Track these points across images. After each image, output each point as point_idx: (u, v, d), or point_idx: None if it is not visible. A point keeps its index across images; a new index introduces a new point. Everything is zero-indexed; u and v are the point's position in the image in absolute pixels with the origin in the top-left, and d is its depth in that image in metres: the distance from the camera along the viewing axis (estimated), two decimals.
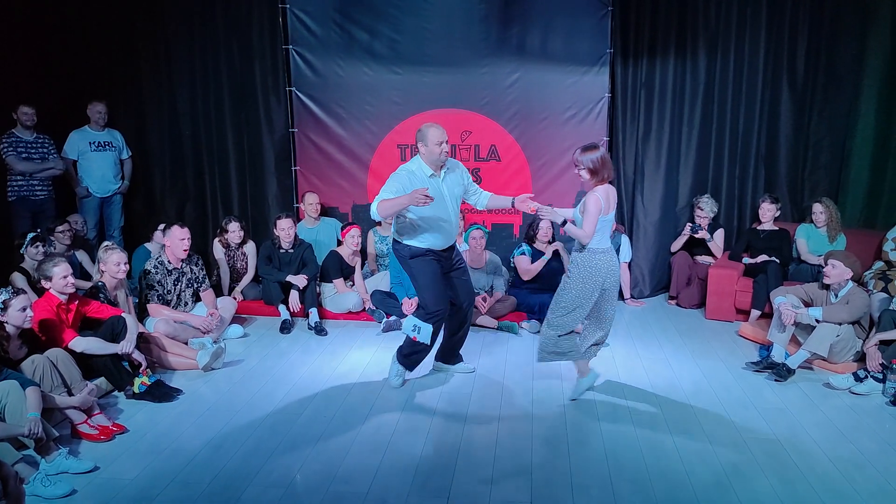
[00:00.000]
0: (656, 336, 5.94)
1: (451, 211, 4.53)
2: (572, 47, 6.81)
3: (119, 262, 5.13)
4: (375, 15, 6.88)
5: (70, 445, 3.87)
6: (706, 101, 6.94)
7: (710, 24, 6.79)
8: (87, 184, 6.94)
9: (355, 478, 3.59)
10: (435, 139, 4.38)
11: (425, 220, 4.45)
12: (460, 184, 4.63)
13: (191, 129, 7.41)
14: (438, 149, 4.38)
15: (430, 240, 4.50)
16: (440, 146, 4.38)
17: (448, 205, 4.51)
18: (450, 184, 4.54)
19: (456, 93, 6.97)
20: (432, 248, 4.52)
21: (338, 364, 5.26)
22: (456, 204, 4.59)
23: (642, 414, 4.39)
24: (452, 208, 4.54)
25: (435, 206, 4.35)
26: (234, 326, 5.96)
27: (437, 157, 4.40)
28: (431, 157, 4.42)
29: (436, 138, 4.38)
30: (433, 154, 4.40)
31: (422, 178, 4.44)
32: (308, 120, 7.14)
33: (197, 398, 4.65)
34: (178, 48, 7.23)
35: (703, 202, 6.80)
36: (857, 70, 6.58)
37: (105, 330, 4.62)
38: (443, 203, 4.47)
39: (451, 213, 4.53)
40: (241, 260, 6.63)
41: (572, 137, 6.95)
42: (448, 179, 4.54)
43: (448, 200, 4.51)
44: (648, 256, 7.10)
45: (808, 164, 6.91)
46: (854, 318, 5.00)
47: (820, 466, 3.73)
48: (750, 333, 5.85)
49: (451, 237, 4.58)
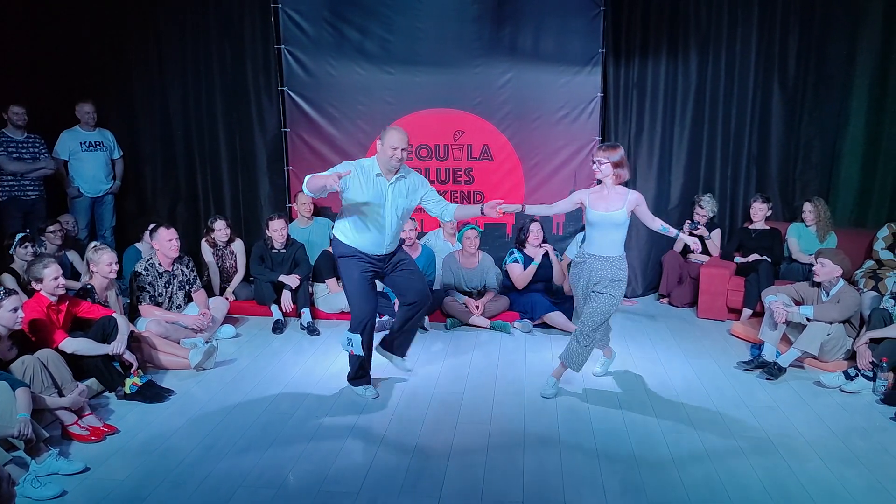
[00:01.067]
0: (648, 335, 5.96)
1: (389, 218, 4.32)
2: (564, 47, 6.82)
3: (110, 261, 5.11)
4: (368, 15, 6.88)
5: (60, 446, 3.85)
6: (698, 100, 6.97)
7: (701, 24, 6.82)
8: (78, 184, 6.91)
9: (346, 478, 3.59)
10: (391, 142, 4.17)
11: (358, 219, 4.30)
12: (411, 196, 4.40)
13: (182, 128, 7.39)
14: (391, 152, 4.17)
15: (358, 240, 4.35)
16: (394, 151, 4.17)
17: (387, 211, 4.30)
18: (397, 192, 4.32)
19: (448, 93, 6.97)
20: (360, 249, 4.36)
21: (330, 364, 5.25)
22: (397, 213, 4.34)
23: (634, 412, 4.40)
24: (391, 216, 4.33)
25: (371, 208, 4.25)
26: (227, 326, 5.95)
27: (388, 160, 4.20)
28: (382, 159, 4.24)
29: (392, 142, 4.17)
30: (384, 156, 4.21)
31: (368, 174, 4.27)
32: (300, 120, 7.13)
33: (188, 398, 4.63)
34: (170, 48, 7.21)
35: (705, 201, 6.82)
36: (847, 70, 6.62)
37: (96, 330, 4.60)
38: (381, 207, 4.28)
39: (387, 220, 4.32)
40: (229, 259, 6.62)
41: (565, 137, 6.99)
42: (397, 187, 4.32)
43: (388, 207, 4.30)
44: (641, 256, 7.13)
45: (800, 164, 6.95)
46: (844, 317, 5.03)
47: (811, 464, 3.74)
48: (741, 332, 5.87)
49: (381, 244, 4.38)
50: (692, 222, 6.79)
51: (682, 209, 7.07)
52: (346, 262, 4.41)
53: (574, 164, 7.04)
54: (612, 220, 4.36)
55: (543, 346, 5.66)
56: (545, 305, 5.97)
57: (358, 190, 4.24)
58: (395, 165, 4.22)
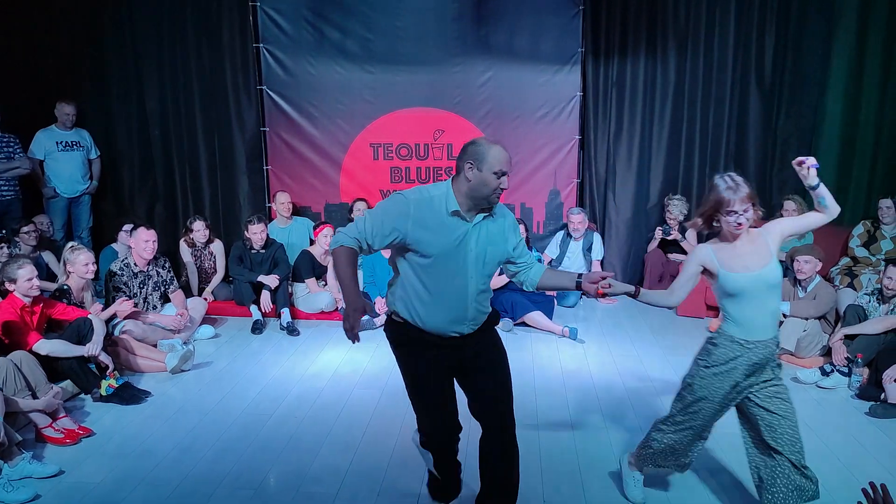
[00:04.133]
0: (628, 333, 5.99)
1: (472, 278, 2.78)
2: (544, 46, 6.85)
3: (87, 262, 5.06)
4: (347, 13, 6.85)
5: (34, 450, 3.79)
6: (676, 100, 7.02)
7: (679, 24, 6.87)
8: (54, 184, 6.83)
9: (326, 478, 3.57)
10: (496, 163, 2.67)
11: (420, 282, 2.78)
12: (502, 244, 2.87)
13: (160, 128, 7.32)
14: (494, 182, 2.68)
15: (423, 314, 2.80)
16: (498, 180, 2.68)
17: (469, 268, 2.77)
18: (485, 237, 2.80)
19: (429, 92, 6.97)
20: (426, 328, 2.81)
21: (310, 364, 5.23)
22: (482, 270, 2.81)
23: (613, 410, 4.42)
24: (474, 275, 2.79)
25: (445, 265, 2.74)
26: (205, 327, 5.90)
27: (488, 193, 2.71)
28: (476, 191, 2.71)
29: (496, 163, 2.67)
30: (484, 185, 2.69)
31: (438, 213, 2.72)
32: (279, 119, 7.09)
33: (166, 400, 4.59)
34: (147, 46, 7.13)
35: (673, 205, 6.87)
36: (822, 70, 6.70)
37: (71, 332, 4.54)
38: (461, 263, 2.75)
39: (469, 281, 2.78)
40: (208, 260, 6.57)
41: (545, 136, 7.01)
42: (484, 230, 2.80)
43: (471, 262, 2.77)
44: (621, 254, 7.16)
45: (777, 162, 7.02)
46: (820, 314, 5.09)
47: None
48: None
49: (459, 318, 2.81)
50: (664, 227, 6.84)
51: (661, 208, 7.11)
52: (406, 353, 2.92)
53: (554, 163, 7.06)
54: (766, 279, 2.97)
55: (524, 344, 5.67)
56: (525, 305, 5.98)
57: (424, 239, 2.71)
58: (494, 201, 2.77)
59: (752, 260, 2.95)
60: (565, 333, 5.78)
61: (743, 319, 3.00)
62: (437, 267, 2.74)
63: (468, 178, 2.70)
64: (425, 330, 2.81)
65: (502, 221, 2.88)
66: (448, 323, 2.81)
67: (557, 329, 5.85)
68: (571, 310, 6.66)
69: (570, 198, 7.13)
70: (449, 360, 2.89)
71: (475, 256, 2.77)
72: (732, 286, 2.96)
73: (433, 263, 2.74)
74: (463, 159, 2.72)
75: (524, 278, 3.04)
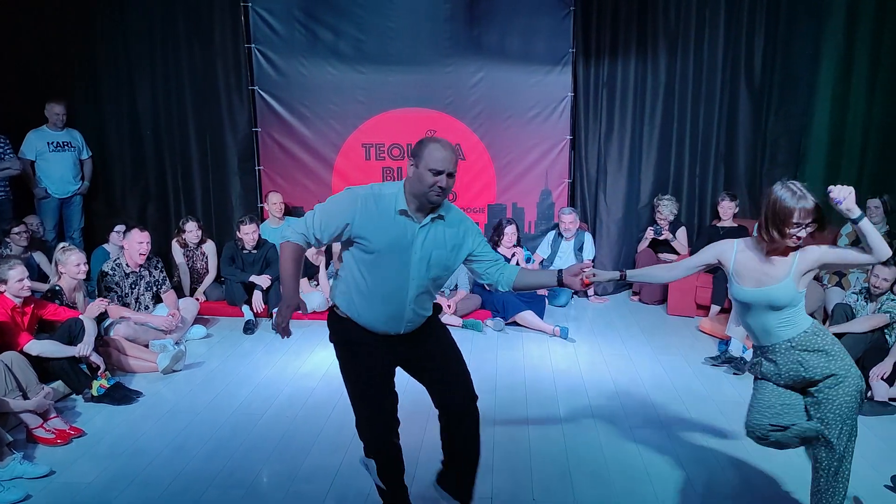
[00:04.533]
0: (619, 332, 6.02)
1: (414, 281, 2.78)
2: (535, 47, 6.87)
3: (79, 262, 5.04)
4: (339, 14, 6.86)
5: (25, 450, 3.80)
6: (667, 100, 7.06)
7: (669, 24, 6.91)
8: (45, 185, 6.80)
9: (317, 477, 3.59)
10: (430, 161, 2.65)
11: (363, 279, 2.79)
12: (451, 250, 2.85)
13: (152, 128, 7.30)
14: (430, 178, 2.66)
15: (360, 308, 2.81)
16: (433, 177, 2.66)
17: (411, 269, 2.77)
18: (431, 241, 2.78)
19: (420, 92, 6.98)
20: (359, 322, 2.83)
21: (301, 364, 5.24)
22: (425, 273, 2.79)
23: (603, 410, 4.45)
24: (416, 277, 2.78)
25: (388, 262, 2.75)
26: (197, 327, 5.91)
27: (425, 190, 2.69)
28: (415, 188, 2.71)
29: (432, 161, 2.65)
30: (420, 182, 2.69)
31: (384, 210, 2.73)
32: (271, 119, 7.09)
33: (157, 400, 4.60)
34: (139, 46, 7.11)
35: (663, 205, 6.91)
36: (812, 70, 6.76)
37: (62, 332, 4.55)
38: (404, 262, 2.76)
39: (410, 283, 2.77)
40: (200, 260, 6.58)
41: (536, 136, 7.04)
42: (432, 233, 2.79)
43: (414, 263, 2.76)
44: (612, 254, 7.19)
45: (766, 162, 7.07)
46: (808, 312, 5.12)
47: (775, 457, 3.79)
48: (709, 328, 5.96)
49: (395, 317, 2.82)
50: (655, 227, 6.89)
51: (652, 208, 7.15)
52: (344, 351, 2.91)
53: (545, 163, 7.09)
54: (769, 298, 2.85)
55: (515, 344, 5.69)
56: (517, 305, 6.01)
57: (368, 233, 2.74)
58: (434, 200, 2.72)
59: (767, 275, 2.85)
60: (556, 333, 5.81)
61: (745, 324, 3.05)
62: (379, 264, 2.76)
63: (410, 174, 2.75)
64: (360, 325, 2.83)
65: (456, 229, 2.86)
66: (384, 320, 2.82)
67: (549, 328, 5.88)
68: (563, 309, 6.69)
69: (561, 198, 7.17)
70: (387, 357, 2.89)
71: (419, 258, 2.77)
72: (735, 293, 2.97)
73: (375, 260, 2.75)
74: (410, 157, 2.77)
75: (495, 280, 3.00)
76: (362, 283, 2.79)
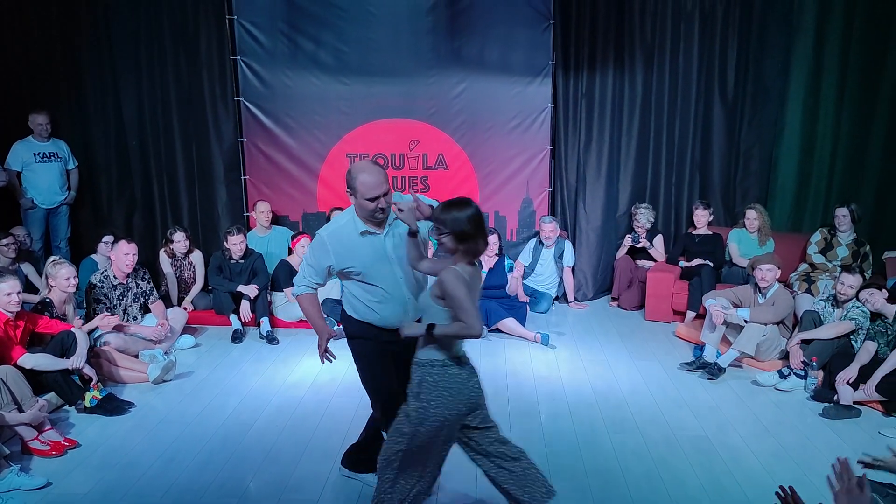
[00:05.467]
0: (598, 338, 6.19)
1: (401, 276, 3.25)
2: (516, 59, 7.01)
3: (69, 276, 5.11)
4: (323, 26, 6.96)
5: (21, 462, 3.89)
6: (644, 111, 7.25)
7: (646, 38, 7.09)
8: (32, 195, 6.86)
9: (306, 486, 3.72)
10: (365, 191, 3.08)
11: (368, 295, 3.28)
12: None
13: (138, 139, 7.36)
14: (371, 205, 3.09)
15: (380, 313, 3.29)
16: (374, 203, 3.09)
17: (394, 268, 3.23)
18: (398, 241, 3.22)
19: (403, 103, 7.11)
20: (375, 324, 3.31)
21: (289, 373, 5.36)
22: (407, 268, 3.25)
23: (582, 414, 4.61)
24: (403, 274, 3.25)
25: (377, 273, 3.22)
26: (186, 336, 6.00)
27: (371, 214, 3.14)
28: (363, 213, 3.16)
29: (368, 190, 3.07)
30: (364, 209, 3.13)
31: (349, 238, 3.20)
32: (257, 129, 7.19)
33: (149, 410, 4.70)
34: (125, 58, 7.17)
35: (641, 213, 7.09)
36: (782, 82, 6.98)
37: (54, 345, 4.63)
38: (386, 266, 3.22)
39: (399, 279, 3.25)
40: (188, 270, 6.67)
41: (517, 146, 7.19)
42: (396, 234, 3.23)
43: (395, 262, 3.23)
44: (591, 261, 7.36)
45: (740, 172, 7.29)
46: (779, 318, 5.33)
47: (745, 460, 4.00)
48: (685, 334, 6.14)
49: (399, 312, 3.27)
50: (633, 235, 7.07)
51: (629, 216, 7.33)
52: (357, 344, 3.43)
53: (526, 173, 7.25)
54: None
55: (498, 351, 5.84)
56: (499, 312, 6.16)
57: (348, 262, 3.22)
58: (381, 217, 3.17)
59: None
60: (537, 339, 5.98)
61: None
62: (371, 278, 3.24)
63: (353, 204, 3.22)
64: (379, 326, 3.30)
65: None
66: (402, 314, 3.27)
67: (530, 335, 6.04)
68: (543, 315, 6.86)
69: (542, 206, 7.33)
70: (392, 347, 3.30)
71: (397, 259, 3.24)
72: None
73: (366, 277, 3.24)
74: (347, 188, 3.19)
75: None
76: (369, 297, 3.28)
